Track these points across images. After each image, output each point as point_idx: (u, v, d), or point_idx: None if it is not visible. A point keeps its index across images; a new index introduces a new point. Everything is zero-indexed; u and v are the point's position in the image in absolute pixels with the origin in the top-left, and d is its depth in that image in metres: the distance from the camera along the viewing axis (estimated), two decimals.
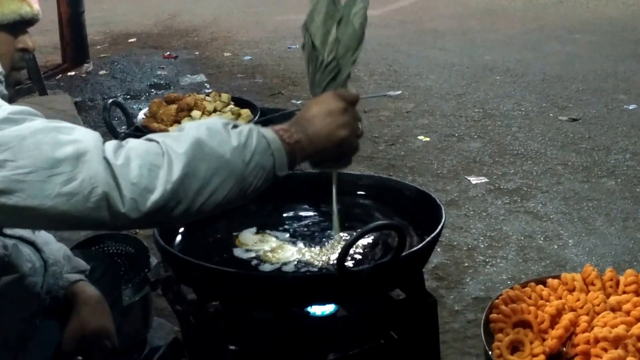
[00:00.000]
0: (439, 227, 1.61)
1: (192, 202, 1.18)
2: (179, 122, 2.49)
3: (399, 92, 4.39)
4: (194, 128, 1.23)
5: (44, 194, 1.10)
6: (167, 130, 2.39)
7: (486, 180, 4.02)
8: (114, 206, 1.12)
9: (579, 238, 3.36)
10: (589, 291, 1.79)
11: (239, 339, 1.61)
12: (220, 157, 1.20)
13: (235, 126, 1.27)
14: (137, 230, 3.24)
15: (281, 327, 1.59)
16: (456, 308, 2.86)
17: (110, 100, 2.48)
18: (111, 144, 1.18)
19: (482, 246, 3.31)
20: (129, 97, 5.90)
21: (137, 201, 1.13)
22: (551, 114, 5.14)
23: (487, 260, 3.20)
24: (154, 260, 2.29)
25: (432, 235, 1.57)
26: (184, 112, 2.51)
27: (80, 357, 1.66)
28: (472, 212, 3.64)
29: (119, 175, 1.13)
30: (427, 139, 4.70)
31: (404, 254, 1.46)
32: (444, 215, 1.66)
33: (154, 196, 1.14)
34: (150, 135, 1.23)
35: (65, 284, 1.69)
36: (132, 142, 1.19)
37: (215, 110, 2.57)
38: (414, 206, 1.83)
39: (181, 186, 1.16)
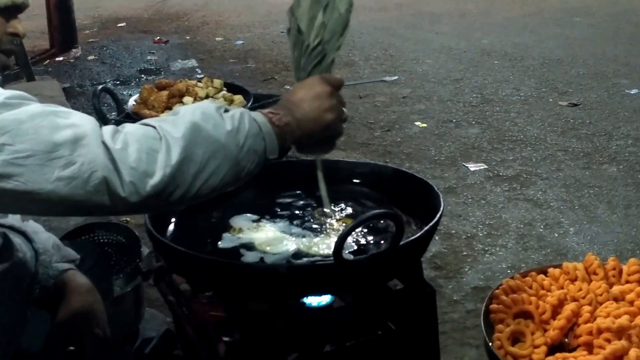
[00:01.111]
0: (438, 215, 1.57)
1: (189, 186, 1.19)
2: (170, 108, 2.44)
3: (396, 77, 4.34)
4: (189, 112, 1.24)
5: (43, 178, 1.10)
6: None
7: (485, 166, 3.96)
8: (114, 190, 1.13)
9: (580, 226, 3.30)
10: (591, 280, 1.75)
11: (233, 330, 1.59)
12: (216, 141, 1.22)
13: (226, 110, 1.28)
14: (128, 219, 3.20)
15: (276, 318, 1.56)
16: (455, 298, 2.81)
17: (100, 87, 2.45)
18: (108, 128, 1.19)
19: (481, 234, 3.25)
20: (118, 82, 5.84)
21: (137, 185, 1.14)
22: (551, 99, 5.07)
23: (487, 248, 3.14)
24: (145, 250, 2.27)
25: (431, 223, 1.53)
26: (176, 98, 2.47)
27: (72, 348, 1.64)
28: (470, 200, 3.58)
29: (118, 159, 1.14)
30: (424, 124, 4.63)
31: (402, 243, 1.43)
32: (442, 203, 1.62)
33: (153, 180, 1.15)
34: (146, 120, 1.24)
35: (55, 273, 1.66)
36: (129, 127, 1.21)
37: (207, 97, 2.54)
38: (411, 194, 1.79)
39: (179, 170, 1.17)
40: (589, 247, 3.11)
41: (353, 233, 1.50)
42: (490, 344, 1.57)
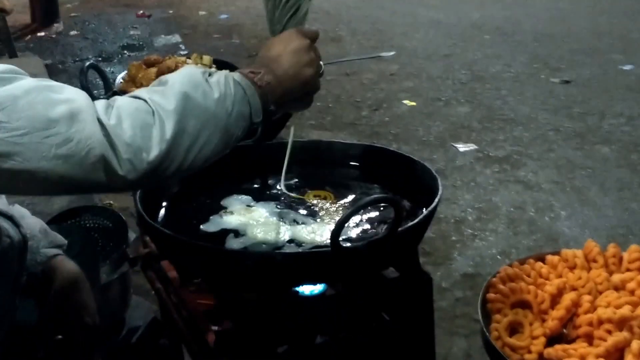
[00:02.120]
0: (436, 199, 1.50)
1: (183, 159, 1.18)
2: None
3: (393, 52, 4.23)
4: (177, 81, 1.22)
5: (40, 156, 1.08)
6: None
7: (475, 147, 3.88)
8: (111, 168, 1.11)
9: (572, 209, 3.23)
10: (590, 268, 1.67)
11: (222, 319, 1.54)
12: (206, 110, 1.20)
13: (210, 75, 1.26)
14: (111, 202, 3.11)
15: (267, 307, 1.51)
16: (444, 285, 2.75)
17: (87, 64, 2.37)
18: (101, 103, 1.15)
19: (470, 219, 3.18)
20: (101, 59, 5.72)
21: (133, 162, 1.12)
22: (542, 76, 4.98)
23: (476, 233, 3.07)
24: (132, 235, 2.24)
25: (430, 208, 1.47)
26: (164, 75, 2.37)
27: (60, 336, 1.60)
28: (459, 182, 3.50)
29: (113, 136, 1.11)
30: (413, 103, 4.54)
31: (401, 228, 1.37)
32: (440, 187, 1.55)
33: (150, 156, 1.13)
34: (135, 92, 1.21)
35: (43, 259, 1.61)
36: (120, 101, 1.17)
37: None
38: (407, 176, 1.72)
39: (174, 144, 1.16)
40: (581, 232, 3.06)
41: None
42: (488, 334, 1.49)
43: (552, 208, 3.25)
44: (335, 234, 1.28)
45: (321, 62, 1.41)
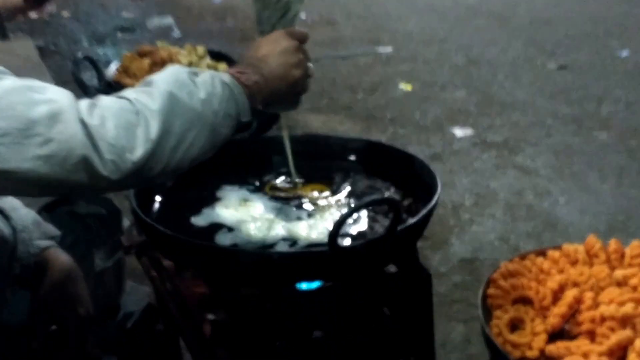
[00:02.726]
0: (436, 197, 1.49)
1: (169, 160, 1.17)
2: None
3: (390, 49, 4.20)
4: (162, 81, 1.21)
5: (20, 157, 1.07)
6: None
7: (472, 132, 3.85)
8: (94, 168, 1.10)
9: (570, 195, 3.21)
10: (592, 264, 1.65)
11: (218, 308, 1.51)
12: (192, 110, 1.20)
13: (196, 74, 1.26)
14: None
15: (265, 302, 1.48)
16: (441, 270, 2.74)
17: (80, 55, 2.37)
18: (84, 103, 1.14)
19: (468, 204, 3.17)
20: (94, 41, 5.64)
21: (117, 163, 1.11)
22: (539, 61, 4.94)
23: (474, 218, 3.06)
24: (126, 222, 2.19)
25: (428, 207, 1.45)
26: (158, 66, 2.38)
27: (55, 327, 1.58)
28: (457, 167, 3.48)
29: (96, 136, 1.10)
30: (409, 87, 4.50)
31: (400, 228, 1.36)
32: (439, 184, 1.54)
33: (134, 156, 1.12)
34: (121, 93, 1.20)
35: (36, 250, 1.59)
36: (104, 100, 1.16)
37: (190, 65, 2.44)
38: (406, 173, 1.70)
39: (160, 144, 1.15)
40: (579, 218, 3.04)
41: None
42: (488, 331, 1.47)
43: (550, 194, 3.23)
44: (333, 234, 1.27)
45: (310, 64, 1.41)
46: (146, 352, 2.06)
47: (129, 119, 1.14)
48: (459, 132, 3.85)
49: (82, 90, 2.39)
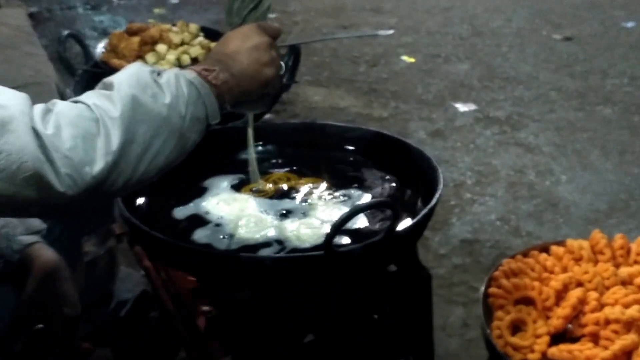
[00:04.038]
0: (437, 194, 1.45)
1: (133, 171, 1.08)
2: (142, 57, 2.24)
3: (391, 31, 4.11)
4: (124, 83, 1.11)
5: None
6: None
7: (475, 107, 3.78)
8: (48, 183, 1.00)
9: (572, 173, 3.17)
10: (597, 260, 1.62)
11: (211, 305, 1.49)
12: (158, 115, 1.10)
13: (159, 74, 1.15)
14: None
15: (255, 304, 1.45)
16: (441, 252, 2.71)
17: (66, 33, 2.25)
18: (38, 109, 1.03)
19: (469, 182, 3.12)
20: (89, 7, 5.52)
21: (74, 177, 1.01)
22: (544, 32, 4.83)
23: (475, 198, 3.01)
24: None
25: (429, 206, 1.41)
26: (148, 46, 2.27)
27: (41, 325, 1.52)
28: (459, 144, 3.42)
29: (50, 147, 1.00)
30: (412, 59, 4.42)
31: (399, 230, 1.32)
32: (441, 180, 1.50)
33: (94, 170, 1.03)
34: (78, 97, 1.09)
35: (20, 247, 1.52)
36: (60, 106, 1.06)
37: (182, 43, 2.33)
38: (406, 164, 1.65)
39: (122, 155, 1.06)
40: (582, 197, 2.99)
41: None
42: (489, 332, 1.45)
43: (552, 172, 3.17)
44: (330, 238, 1.22)
45: (282, 62, 1.32)
46: (141, 340, 2.03)
47: (87, 128, 1.04)
48: (461, 107, 3.79)
49: (68, 71, 2.29)
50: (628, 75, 4.13)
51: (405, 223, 1.40)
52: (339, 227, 1.22)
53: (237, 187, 1.61)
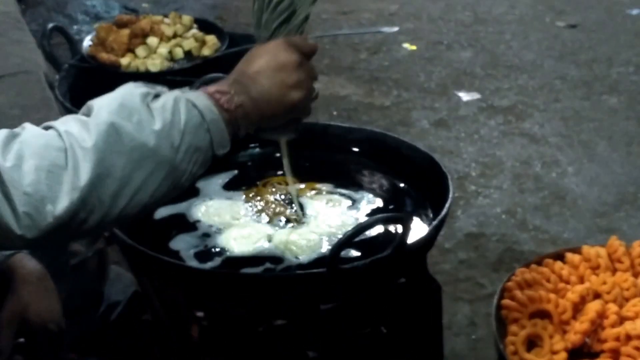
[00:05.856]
0: (447, 205, 1.38)
1: (109, 209, 0.96)
2: (132, 50, 2.12)
3: (396, 28, 4.00)
4: (104, 108, 0.98)
5: None
6: (118, 63, 2.07)
7: (478, 96, 3.71)
8: (4, 223, 0.90)
9: (579, 165, 3.11)
10: (615, 269, 1.56)
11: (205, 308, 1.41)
12: (142, 145, 0.97)
13: (157, 96, 1.01)
14: None
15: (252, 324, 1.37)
16: (447, 246, 2.66)
17: (51, 25, 2.12)
18: (1, 135, 0.92)
19: (474, 174, 3.06)
20: None
21: (33, 216, 0.90)
22: (548, 19, 4.74)
23: (480, 190, 2.96)
24: None
25: (439, 217, 1.36)
26: (138, 39, 2.13)
27: (23, 339, 1.46)
28: (463, 134, 3.36)
29: (8, 182, 0.90)
30: (414, 47, 4.33)
31: (408, 244, 1.25)
32: (452, 188, 1.42)
33: (57, 208, 0.91)
34: (53, 122, 0.97)
35: (1, 257, 1.45)
36: (27, 133, 0.94)
37: (175, 36, 2.19)
38: (414, 168, 1.58)
39: (92, 191, 0.93)
40: (589, 189, 2.94)
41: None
42: (503, 348, 1.39)
43: (558, 163, 3.12)
44: (334, 254, 1.14)
45: (314, 85, 1.17)
46: (132, 345, 1.96)
47: (53, 160, 0.92)
48: (465, 96, 3.71)
49: (53, 66, 2.15)
50: (634, 63, 4.05)
51: (414, 235, 1.32)
52: (343, 246, 1.15)
53: (229, 186, 1.54)
